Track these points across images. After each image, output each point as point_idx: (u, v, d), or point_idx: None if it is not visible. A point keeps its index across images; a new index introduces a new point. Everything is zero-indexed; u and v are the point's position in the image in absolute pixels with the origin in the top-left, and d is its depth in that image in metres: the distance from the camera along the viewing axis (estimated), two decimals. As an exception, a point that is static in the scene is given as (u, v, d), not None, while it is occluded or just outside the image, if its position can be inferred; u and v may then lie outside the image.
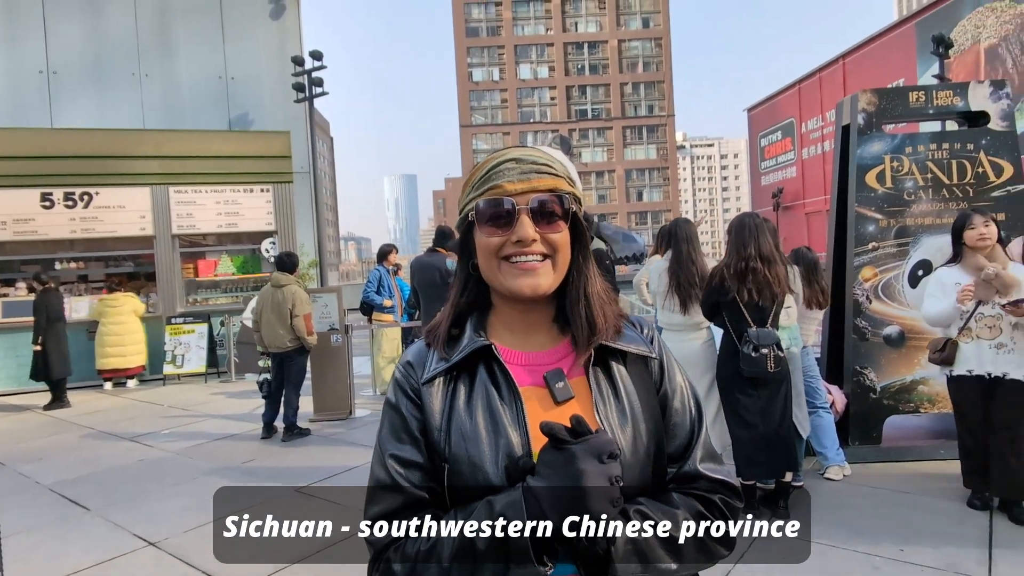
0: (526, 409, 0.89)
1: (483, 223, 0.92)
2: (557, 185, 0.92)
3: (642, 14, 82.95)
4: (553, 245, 0.92)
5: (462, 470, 0.87)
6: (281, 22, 15.85)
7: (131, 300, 9.38)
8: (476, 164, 0.97)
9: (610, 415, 0.91)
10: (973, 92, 4.71)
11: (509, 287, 0.91)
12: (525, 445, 0.87)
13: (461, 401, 0.92)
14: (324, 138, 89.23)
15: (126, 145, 10.18)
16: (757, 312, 3.57)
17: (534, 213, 0.90)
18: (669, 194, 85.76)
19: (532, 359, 0.96)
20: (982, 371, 3.51)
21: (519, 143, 5.53)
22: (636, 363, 0.99)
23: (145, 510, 4.27)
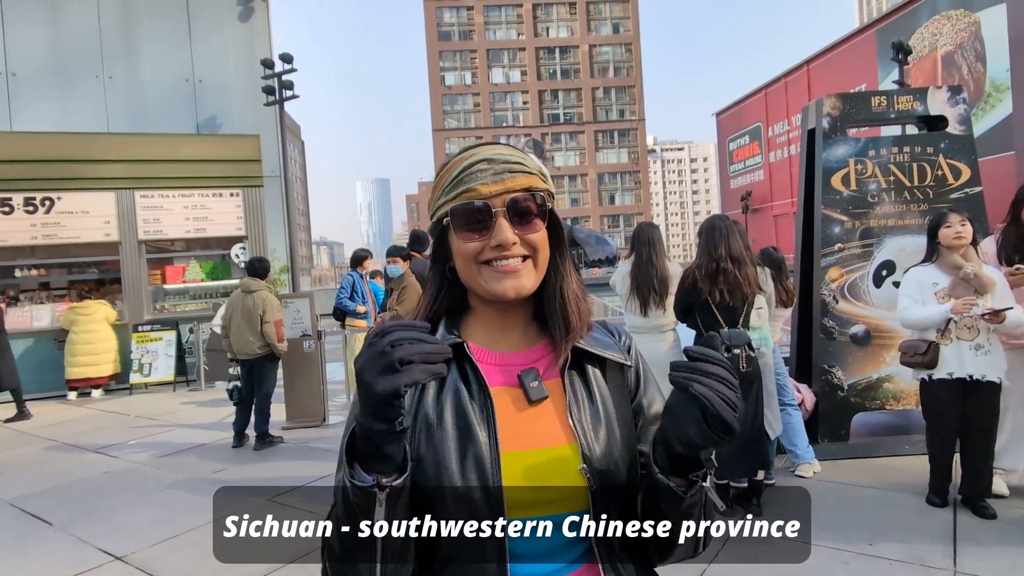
0: (496, 408, 0.87)
1: (459, 228, 0.90)
2: (531, 183, 0.90)
3: (612, 20, 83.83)
4: (533, 245, 0.90)
5: (426, 468, 0.85)
6: (250, 24, 15.62)
7: (103, 307, 9.14)
8: (446, 164, 0.94)
9: (584, 418, 0.90)
10: (932, 97, 4.87)
11: (492, 291, 0.89)
12: (493, 444, 0.85)
13: (429, 398, 0.89)
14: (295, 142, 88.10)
15: (89, 149, 9.92)
16: (728, 313, 3.63)
17: (511, 215, 0.88)
18: (641, 197, 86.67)
19: (507, 359, 0.95)
20: (963, 374, 3.47)
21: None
22: (613, 370, 0.98)
23: (111, 524, 4.16)
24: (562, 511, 0.86)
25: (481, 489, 0.83)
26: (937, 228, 3.63)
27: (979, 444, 3.54)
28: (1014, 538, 3.20)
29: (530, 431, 0.88)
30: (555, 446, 0.88)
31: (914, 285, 3.67)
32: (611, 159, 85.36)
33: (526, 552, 0.84)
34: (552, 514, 0.85)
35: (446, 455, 0.85)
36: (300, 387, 6.68)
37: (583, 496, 0.85)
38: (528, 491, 0.85)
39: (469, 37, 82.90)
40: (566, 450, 0.87)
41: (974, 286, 3.47)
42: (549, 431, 0.89)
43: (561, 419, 0.90)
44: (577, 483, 0.86)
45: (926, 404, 3.69)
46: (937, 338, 3.54)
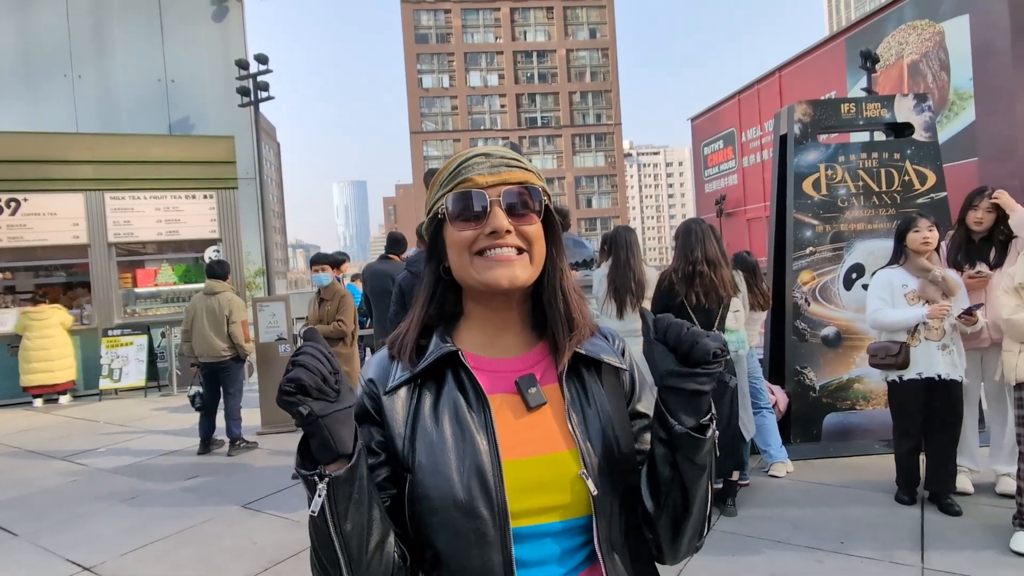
0: (495, 416, 0.87)
1: (454, 218, 0.89)
2: (528, 179, 0.91)
3: (589, 25, 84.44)
4: (527, 237, 0.89)
5: (425, 478, 0.84)
6: (224, 24, 15.42)
7: (58, 312, 8.90)
8: (445, 164, 0.95)
9: (582, 423, 0.90)
10: (898, 105, 5.00)
11: (485, 280, 0.88)
12: (493, 452, 0.85)
13: (427, 408, 0.89)
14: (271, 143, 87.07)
15: (57, 149, 9.68)
16: (704, 315, 3.68)
17: (507, 205, 0.88)
18: (617, 201, 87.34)
19: (504, 365, 0.94)
20: (932, 373, 3.55)
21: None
22: (609, 374, 0.97)
23: (79, 533, 4.06)
24: (565, 517, 0.86)
25: (484, 498, 0.83)
26: (906, 232, 3.69)
27: (946, 442, 3.64)
28: (978, 534, 3.30)
29: (530, 438, 0.88)
30: (555, 452, 0.88)
31: (884, 287, 3.71)
32: (588, 163, 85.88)
33: (531, 559, 0.85)
34: (555, 520, 0.86)
35: (446, 465, 0.84)
36: (275, 392, 6.57)
37: (585, 501, 0.86)
38: (531, 498, 0.85)
39: (447, 40, 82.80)
40: (566, 456, 0.87)
41: (942, 289, 3.56)
42: (549, 437, 0.89)
43: (560, 425, 0.90)
44: (579, 489, 0.86)
45: (896, 404, 3.74)
46: (908, 339, 3.59)
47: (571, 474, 0.86)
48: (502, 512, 0.83)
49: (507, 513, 0.83)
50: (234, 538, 3.84)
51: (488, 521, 0.82)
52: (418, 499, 0.85)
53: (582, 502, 0.86)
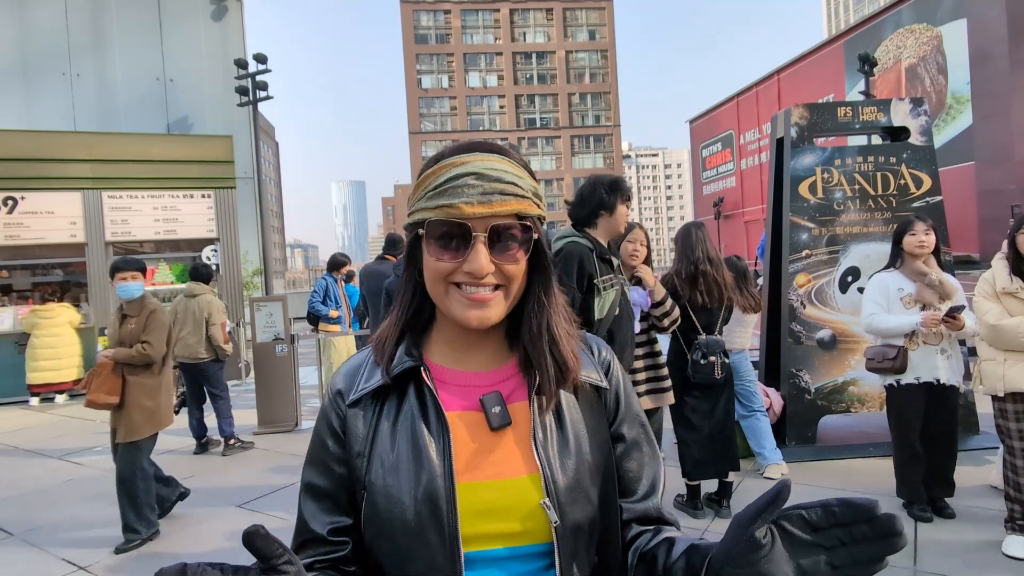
0: (452, 437, 0.82)
1: (433, 243, 0.82)
2: (522, 208, 0.82)
3: (588, 26, 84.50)
4: (508, 275, 0.83)
5: (378, 500, 0.81)
6: (223, 23, 15.43)
7: (66, 311, 8.91)
8: (433, 165, 0.85)
9: (550, 448, 0.83)
10: (895, 109, 5.02)
11: (455, 316, 0.83)
12: (448, 475, 0.80)
13: (385, 426, 0.85)
14: (269, 143, 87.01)
15: (55, 148, 9.67)
16: (706, 315, 3.77)
17: (492, 242, 0.81)
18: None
19: (472, 379, 0.88)
20: (931, 378, 3.50)
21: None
22: (587, 391, 0.90)
23: (74, 533, 4.06)
24: (523, 543, 0.81)
25: (435, 523, 0.78)
26: (903, 235, 3.63)
27: (947, 447, 3.61)
28: (970, 537, 3.31)
29: (490, 460, 0.82)
30: (515, 477, 0.81)
31: (880, 291, 3.65)
32: (587, 164, 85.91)
33: None
34: (512, 546, 0.81)
35: (398, 488, 0.80)
36: (272, 392, 6.60)
37: (545, 528, 0.80)
38: (485, 523, 0.80)
39: (446, 41, 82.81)
40: (527, 482, 0.81)
41: (939, 292, 3.53)
42: (510, 461, 0.82)
43: (524, 448, 0.83)
44: (538, 518, 0.80)
45: (895, 409, 3.66)
46: (905, 343, 3.54)
47: (531, 502, 0.80)
48: (452, 537, 0.78)
49: (458, 538, 0.78)
50: (230, 538, 3.85)
51: (438, 547, 0.78)
52: (370, 521, 0.82)
53: (541, 529, 0.80)
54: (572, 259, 2.82)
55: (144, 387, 3.84)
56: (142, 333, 3.88)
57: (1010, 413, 3.13)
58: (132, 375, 3.83)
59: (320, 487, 0.87)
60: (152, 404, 3.86)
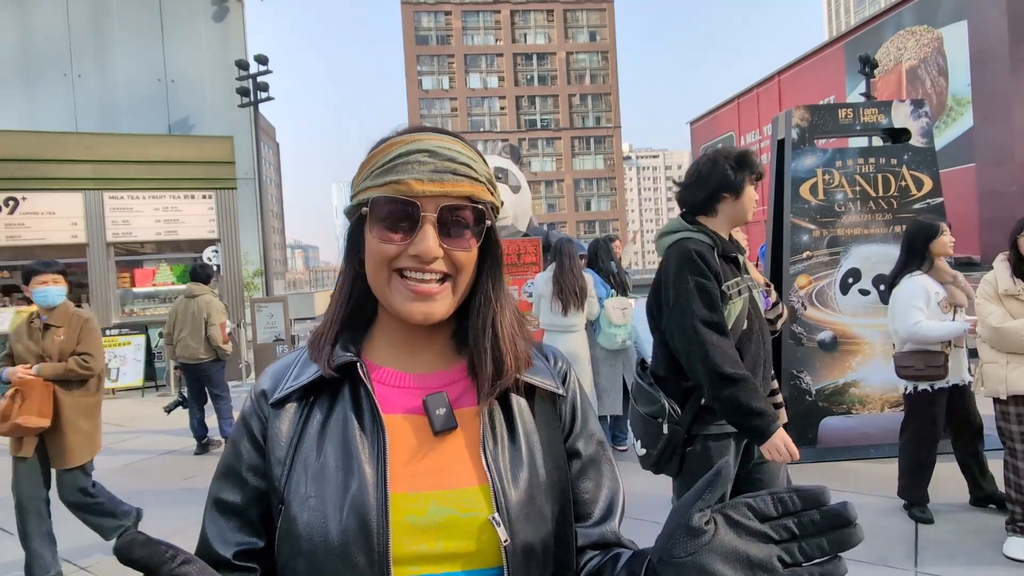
0: (389, 441, 0.73)
1: (376, 223, 0.74)
2: (475, 192, 0.75)
3: (589, 28, 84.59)
4: (457, 264, 0.75)
5: (297, 513, 0.71)
6: (224, 24, 15.45)
7: None
8: (382, 141, 0.78)
9: (501, 458, 0.75)
10: (896, 110, 5.02)
11: (397, 309, 0.75)
12: (380, 484, 0.70)
13: (313, 429, 0.75)
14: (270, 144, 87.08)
15: (56, 148, 9.70)
16: None
17: (442, 224, 0.74)
18: (616, 203, 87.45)
19: (415, 381, 0.80)
20: (957, 379, 3.52)
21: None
22: (543, 400, 0.82)
23: (75, 532, 4.04)
24: (467, 567, 0.71)
25: (363, 541, 0.68)
26: (932, 237, 3.53)
27: (978, 446, 3.62)
28: (972, 539, 3.31)
29: (431, 468, 0.73)
30: (461, 488, 0.73)
31: (921, 296, 3.47)
32: (587, 165, 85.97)
33: None
34: (455, 571, 0.71)
35: (321, 499, 0.71)
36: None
37: (494, 551, 0.71)
38: (423, 541, 0.70)
39: (447, 42, 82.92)
40: (475, 493, 0.73)
41: (965, 292, 3.51)
42: (456, 470, 0.74)
43: (473, 456, 0.75)
44: (486, 535, 0.71)
45: (927, 415, 3.54)
46: (944, 348, 3.46)
47: (479, 517, 0.71)
48: (382, 558, 0.68)
49: (388, 559, 0.68)
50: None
51: (365, 570, 0.68)
52: (285, 540, 0.72)
53: (491, 551, 0.71)
54: (689, 263, 2.13)
55: (81, 406, 3.39)
56: (77, 345, 3.40)
57: (1012, 416, 3.13)
58: (67, 393, 3.34)
59: (229, 502, 0.77)
60: (90, 425, 3.44)
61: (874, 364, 4.79)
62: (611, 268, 5.24)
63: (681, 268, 2.14)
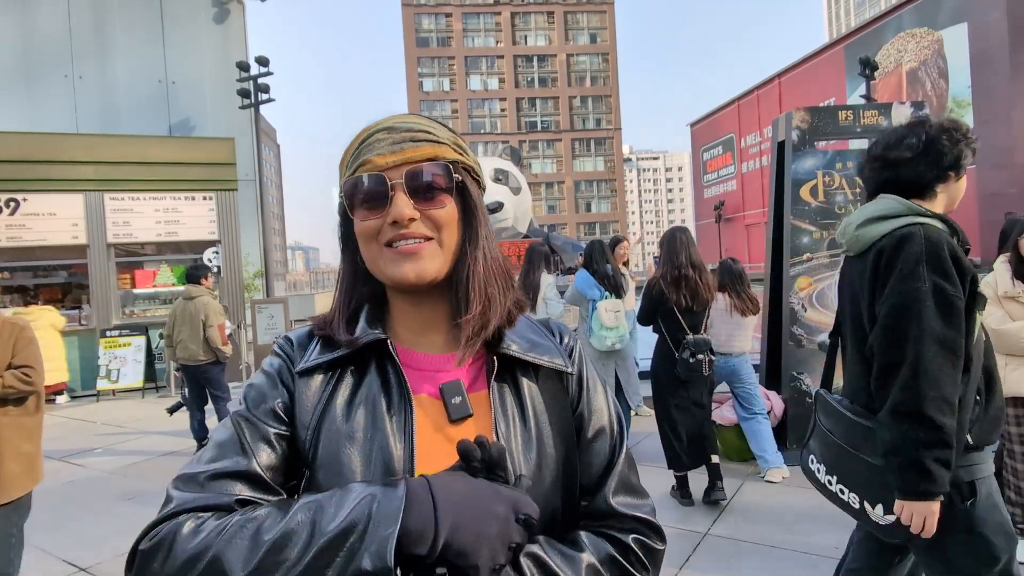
0: (416, 419, 0.76)
1: (356, 205, 0.79)
2: (438, 153, 0.79)
3: (589, 30, 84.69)
4: (436, 222, 0.79)
5: (326, 478, 0.73)
6: (225, 26, 15.48)
7: (47, 313, 8.87)
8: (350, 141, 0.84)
9: (513, 438, 0.79)
10: (896, 112, 5.02)
11: (391, 275, 0.78)
12: (408, 460, 0.74)
13: (341, 399, 0.78)
14: (271, 145, 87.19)
15: (57, 149, 9.71)
16: (691, 317, 3.96)
17: (411, 188, 0.77)
18: (616, 205, 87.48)
19: (429, 362, 0.83)
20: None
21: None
22: (550, 378, 0.85)
23: (75, 534, 4.06)
24: None
25: None
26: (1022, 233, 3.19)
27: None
28: (973, 540, 3.30)
29: (449, 450, 0.74)
30: None
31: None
32: (588, 167, 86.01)
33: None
34: None
35: (350, 468, 0.73)
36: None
37: None
38: None
39: (447, 44, 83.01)
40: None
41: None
42: None
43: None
44: None
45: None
46: None
47: None
48: None
49: None
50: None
51: None
52: None
53: None
54: (933, 258, 1.61)
55: (22, 428, 2.90)
56: (12, 357, 2.92)
57: (1011, 417, 3.12)
58: (2, 413, 2.83)
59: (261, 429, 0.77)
60: (32, 449, 2.94)
61: (874, 366, 4.78)
62: (606, 271, 5.23)
63: (919, 262, 1.61)
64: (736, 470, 4.55)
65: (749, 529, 3.60)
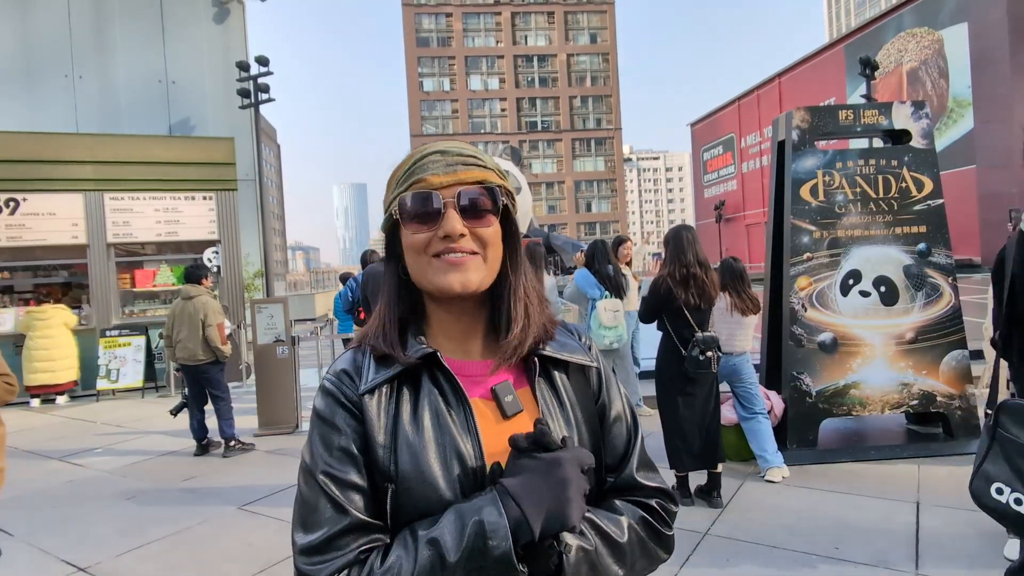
0: (476, 417, 0.85)
1: (408, 220, 0.86)
2: (486, 177, 0.88)
3: (590, 30, 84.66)
4: (483, 240, 0.87)
5: (411, 487, 0.81)
6: (225, 26, 15.46)
7: (61, 312, 8.91)
8: (401, 161, 0.92)
9: (556, 428, 0.89)
10: (896, 112, 5.02)
11: (438, 284, 0.85)
12: (478, 455, 0.83)
13: (406, 413, 0.85)
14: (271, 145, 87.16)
15: (57, 149, 9.69)
16: (699, 315, 3.93)
17: (461, 207, 0.85)
18: (617, 205, 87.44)
19: (473, 369, 0.91)
20: None
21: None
22: (577, 373, 0.97)
23: (76, 534, 4.06)
24: None
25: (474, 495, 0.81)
26: None
27: None
28: (973, 541, 3.30)
29: (506, 444, 0.85)
30: None
31: None
32: (588, 167, 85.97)
33: None
34: None
35: (431, 473, 0.81)
36: (273, 394, 6.60)
37: None
38: None
39: (448, 44, 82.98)
40: None
41: None
42: None
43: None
44: None
45: None
46: None
47: None
48: None
49: None
50: (230, 539, 3.84)
51: None
52: (402, 510, 0.81)
53: None
54: None
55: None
56: None
57: None
58: None
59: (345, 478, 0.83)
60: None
61: (875, 366, 4.78)
62: (607, 271, 5.24)
63: None
64: (736, 470, 4.55)
65: (749, 529, 3.60)
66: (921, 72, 19.97)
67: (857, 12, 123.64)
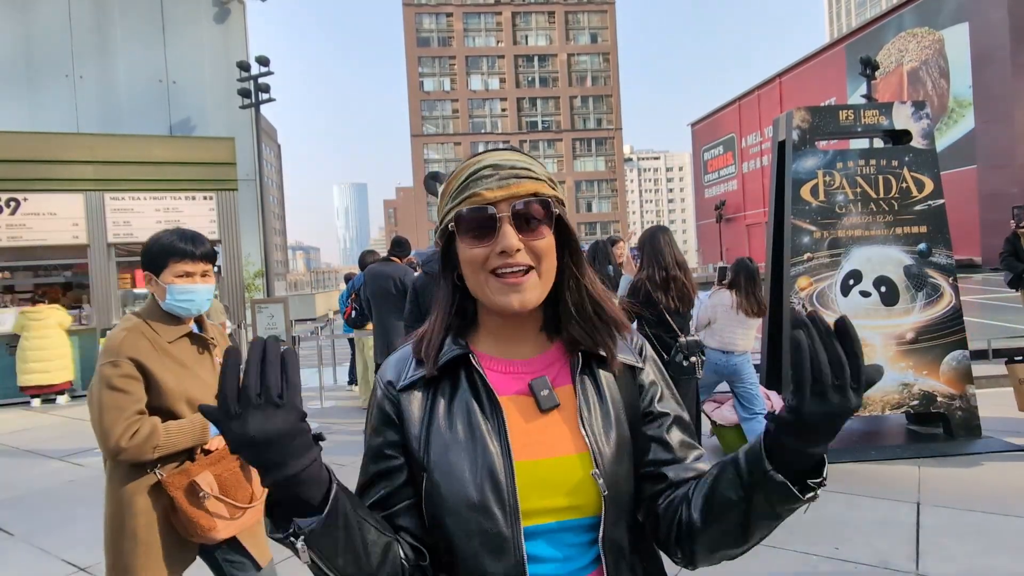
0: (507, 419, 0.89)
1: (464, 234, 0.89)
2: (538, 189, 0.89)
3: (590, 29, 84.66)
4: (538, 253, 0.89)
5: (439, 479, 0.87)
6: (226, 26, 15.47)
7: (56, 312, 8.89)
8: (454, 171, 0.94)
9: (595, 423, 0.91)
10: (897, 112, 5.01)
11: (498, 303, 0.88)
12: (505, 454, 0.87)
13: (441, 410, 0.91)
14: (271, 145, 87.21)
15: (57, 149, 9.69)
16: (680, 319, 3.88)
17: (516, 220, 0.87)
18: (617, 205, 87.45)
19: (518, 367, 0.95)
20: None
21: (471, 152, 5.51)
22: (624, 372, 0.97)
23: (76, 534, 4.05)
24: (576, 516, 0.88)
25: (496, 499, 0.85)
26: None
27: None
28: (973, 541, 3.30)
29: (541, 440, 0.90)
30: (567, 455, 0.89)
31: None
32: (588, 167, 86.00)
33: (542, 555, 0.88)
34: (567, 519, 0.88)
35: (459, 467, 0.86)
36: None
37: (596, 501, 0.88)
38: (542, 498, 0.87)
39: (448, 44, 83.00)
40: (575, 460, 0.89)
41: None
42: (560, 440, 0.90)
43: (572, 427, 0.90)
44: (590, 489, 0.88)
45: None
46: None
47: (581, 476, 0.88)
48: (514, 512, 0.85)
49: (519, 512, 0.85)
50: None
51: (500, 520, 0.85)
52: (432, 500, 0.88)
53: (592, 503, 0.88)
54: None
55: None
56: None
57: None
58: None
59: (388, 467, 0.92)
60: None
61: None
62: (607, 272, 5.24)
63: None
64: (736, 470, 4.55)
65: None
66: (922, 72, 19.97)
67: (858, 12, 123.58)
